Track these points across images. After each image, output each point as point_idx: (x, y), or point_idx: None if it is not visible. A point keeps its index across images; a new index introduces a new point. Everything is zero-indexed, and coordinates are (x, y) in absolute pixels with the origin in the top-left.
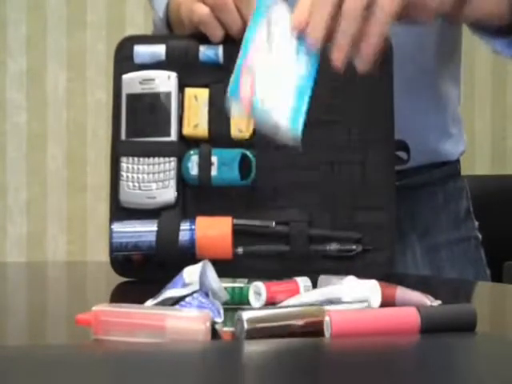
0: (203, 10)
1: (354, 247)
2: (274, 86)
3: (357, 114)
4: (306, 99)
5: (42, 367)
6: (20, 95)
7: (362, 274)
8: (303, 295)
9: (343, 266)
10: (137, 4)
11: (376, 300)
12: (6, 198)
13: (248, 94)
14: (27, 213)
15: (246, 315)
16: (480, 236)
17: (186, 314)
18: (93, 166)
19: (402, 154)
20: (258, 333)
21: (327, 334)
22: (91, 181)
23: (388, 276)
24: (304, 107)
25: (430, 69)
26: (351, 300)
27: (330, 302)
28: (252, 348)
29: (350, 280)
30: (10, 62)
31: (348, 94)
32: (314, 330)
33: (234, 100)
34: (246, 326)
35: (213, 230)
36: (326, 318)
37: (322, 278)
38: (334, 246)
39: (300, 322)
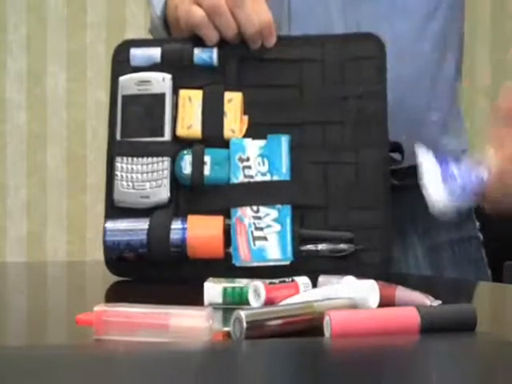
0: (199, 13)
1: (346, 247)
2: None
3: (351, 115)
4: (289, 225)
5: (42, 367)
6: (20, 95)
7: (356, 274)
8: (303, 295)
9: (337, 265)
10: (137, 4)
11: (374, 300)
12: (6, 198)
13: (246, 252)
14: (27, 213)
15: (244, 314)
16: (481, 236)
17: (188, 312)
18: (93, 166)
19: (396, 156)
20: (256, 332)
21: (327, 333)
22: (91, 181)
23: (388, 276)
24: (288, 234)
25: (430, 63)
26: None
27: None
28: (252, 348)
29: (349, 280)
30: (10, 62)
31: (342, 96)
32: (313, 329)
33: (237, 262)
34: (244, 325)
35: (205, 229)
36: (326, 318)
37: (321, 278)
38: (326, 247)
39: (297, 320)
